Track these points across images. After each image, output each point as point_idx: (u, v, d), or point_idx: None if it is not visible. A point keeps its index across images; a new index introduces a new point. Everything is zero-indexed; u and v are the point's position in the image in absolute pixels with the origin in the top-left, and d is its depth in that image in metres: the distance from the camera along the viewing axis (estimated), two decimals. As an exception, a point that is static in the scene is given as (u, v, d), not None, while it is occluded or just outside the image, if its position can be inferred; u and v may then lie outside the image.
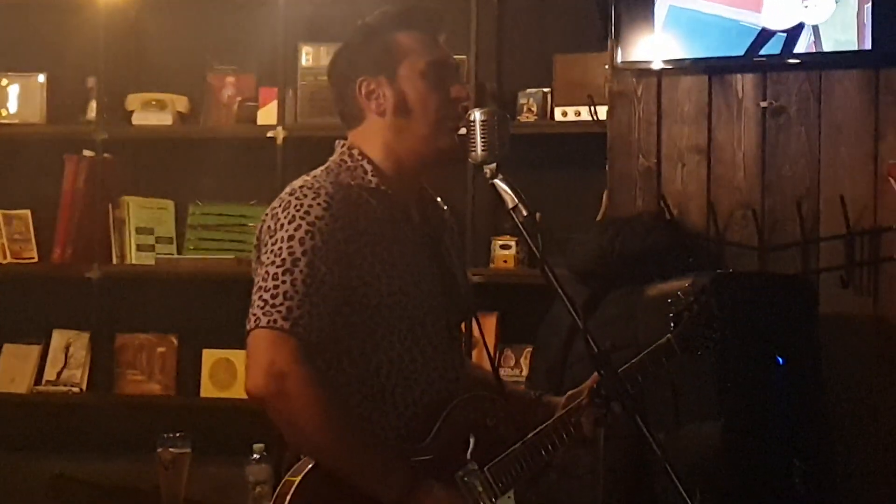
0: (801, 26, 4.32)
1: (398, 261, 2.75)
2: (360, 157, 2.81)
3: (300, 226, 2.66)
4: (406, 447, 2.71)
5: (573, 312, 2.65)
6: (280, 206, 2.72)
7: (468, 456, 2.73)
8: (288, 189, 2.76)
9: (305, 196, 2.70)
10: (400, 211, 2.81)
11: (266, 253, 2.68)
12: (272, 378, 2.60)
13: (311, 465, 2.65)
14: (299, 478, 2.65)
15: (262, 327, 2.63)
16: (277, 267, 2.64)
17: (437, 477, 2.69)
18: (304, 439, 2.66)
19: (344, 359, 2.72)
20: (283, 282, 2.63)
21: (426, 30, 2.84)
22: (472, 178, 4.72)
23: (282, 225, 2.68)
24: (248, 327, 2.66)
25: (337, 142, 2.89)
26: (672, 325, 2.95)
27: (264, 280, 2.65)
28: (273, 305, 2.62)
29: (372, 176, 2.79)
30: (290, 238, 2.66)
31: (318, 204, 2.68)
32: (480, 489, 2.71)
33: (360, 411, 2.72)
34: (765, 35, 4.36)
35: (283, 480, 2.68)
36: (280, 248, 2.66)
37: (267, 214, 2.75)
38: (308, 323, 2.63)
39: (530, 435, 2.79)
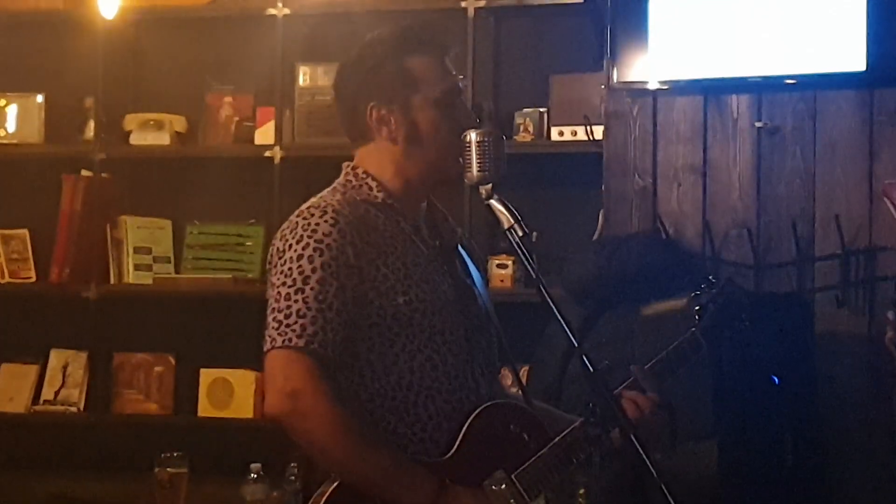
0: (795, 47, 4.33)
1: (411, 271, 2.77)
2: (364, 176, 2.84)
3: (308, 244, 2.68)
4: (432, 460, 2.71)
5: (568, 332, 2.66)
6: (288, 227, 2.74)
7: (495, 463, 2.72)
8: (296, 211, 2.77)
9: (312, 216, 2.72)
10: (409, 224, 2.83)
11: (276, 274, 2.70)
12: (286, 397, 2.62)
13: (337, 482, 2.66)
14: (330, 489, 2.66)
15: (278, 347, 2.64)
16: (289, 287, 2.66)
17: (464, 486, 2.68)
18: (323, 455, 2.67)
19: (366, 373, 2.73)
20: (296, 301, 2.65)
21: (437, 53, 2.86)
22: (469, 199, 4.73)
23: (290, 245, 2.70)
24: (264, 349, 2.68)
25: (344, 164, 2.91)
26: (696, 317, 2.95)
27: (276, 301, 2.67)
28: (287, 325, 2.64)
29: (378, 192, 2.82)
30: (300, 257, 2.68)
31: (326, 221, 2.70)
32: (510, 497, 2.71)
33: (384, 425, 2.72)
34: (759, 55, 4.37)
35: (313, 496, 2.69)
36: (290, 269, 2.68)
37: (276, 237, 2.77)
38: (323, 339, 2.64)
39: (556, 439, 2.79)
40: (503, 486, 2.71)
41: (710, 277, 3.07)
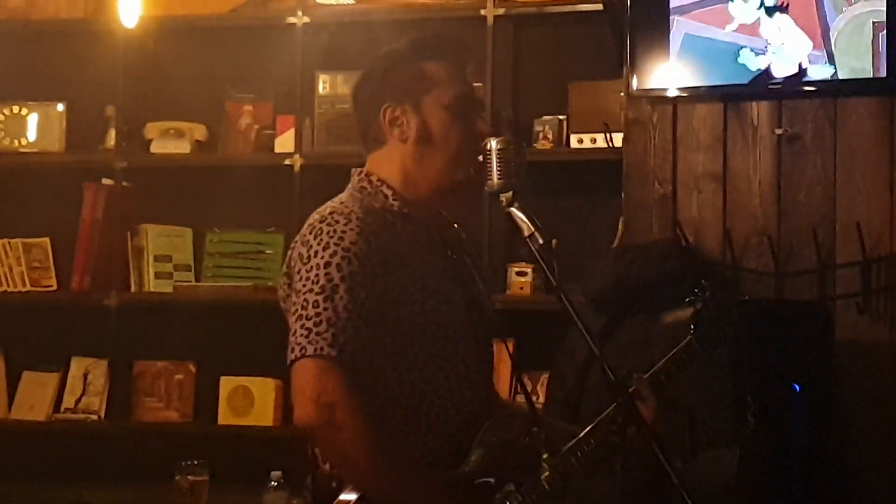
0: (815, 54, 4.33)
1: (427, 281, 2.76)
2: (378, 183, 2.82)
3: (336, 252, 2.65)
4: (447, 472, 2.69)
5: (589, 340, 2.66)
6: (311, 232, 2.70)
7: (507, 474, 2.71)
8: (317, 216, 2.74)
9: (337, 222, 2.69)
10: (423, 233, 2.82)
11: (301, 280, 2.67)
12: (322, 408, 2.59)
13: (358, 494, 2.64)
14: (352, 500, 2.64)
15: (309, 356, 2.61)
16: (317, 294, 2.63)
17: (477, 500, 2.67)
18: (353, 468, 2.64)
19: (379, 380, 2.71)
20: (325, 308, 2.62)
21: (453, 60, 2.87)
22: (489, 206, 4.72)
23: (316, 252, 2.66)
24: (291, 356, 2.64)
25: (353, 169, 2.90)
26: (692, 326, 2.96)
27: (304, 308, 2.63)
28: (318, 333, 2.61)
29: (393, 200, 2.81)
30: (327, 265, 2.64)
31: (351, 229, 2.68)
32: None
33: (397, 434, 2.71)
34: (779, 63, 4.37)
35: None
36: (317, 276, 2.64)
37: (297, 242, 2.74)
38: (353, 349, 2.62)
39: (564, 449, 2.76)
40: (515, 498, 2.69)
41: (703, 281, 3.07)
